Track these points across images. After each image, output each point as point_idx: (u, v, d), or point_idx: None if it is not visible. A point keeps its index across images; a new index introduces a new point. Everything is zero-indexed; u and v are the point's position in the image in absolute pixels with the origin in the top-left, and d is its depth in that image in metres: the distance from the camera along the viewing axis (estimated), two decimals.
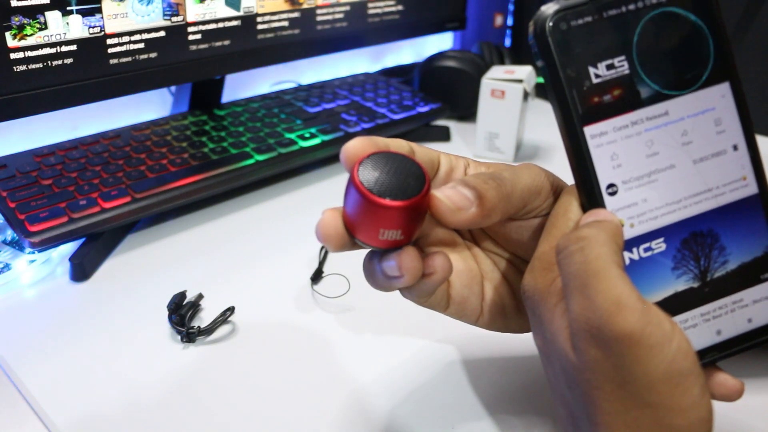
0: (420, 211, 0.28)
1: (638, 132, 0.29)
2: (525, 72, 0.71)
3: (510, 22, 1.02)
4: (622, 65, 0.28)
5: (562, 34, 0.28)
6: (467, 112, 0.82)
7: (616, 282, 0.25)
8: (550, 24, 0.28)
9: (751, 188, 0.30)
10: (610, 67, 0.28)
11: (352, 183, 0.27)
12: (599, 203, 0.29)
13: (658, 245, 0.29)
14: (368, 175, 0.27)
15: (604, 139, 0.29)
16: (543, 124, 0.82)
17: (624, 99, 0.29)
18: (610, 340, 0.25)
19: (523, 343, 0.41)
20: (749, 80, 0.84)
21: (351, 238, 0.29)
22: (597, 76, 0.28)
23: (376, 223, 0.27)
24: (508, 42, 1.03)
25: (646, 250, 0.29)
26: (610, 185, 0.29)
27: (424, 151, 0.33)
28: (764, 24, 0.82)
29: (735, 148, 0.30)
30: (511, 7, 1.02)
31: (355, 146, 0.29)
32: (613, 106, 0.28)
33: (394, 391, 0.40)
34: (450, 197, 0.29)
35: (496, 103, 0.70)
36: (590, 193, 0.29)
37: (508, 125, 0.71)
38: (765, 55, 0.84)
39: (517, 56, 0.92)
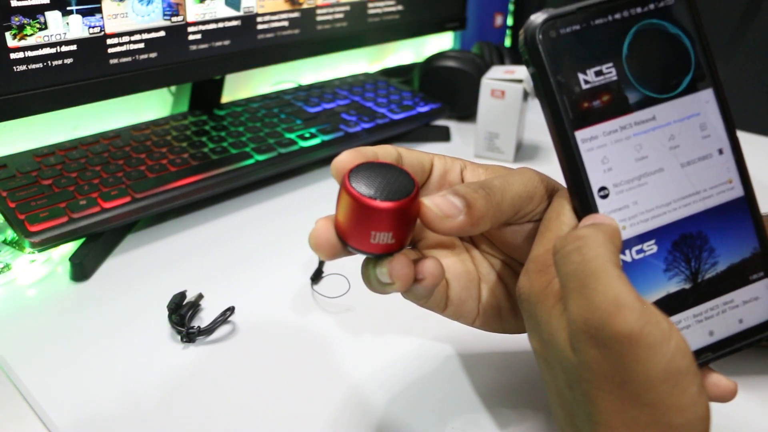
0: (409, 215, 0.29)
1: (627, 136, 0.30)
2: (525, 72, 0.71)
3: (510, 22, 1.03)
4: (610, 72, 0.29)
5: (552, 42, 0.29)
6: (467, 112, 0.82)
7: (615, 282, 0.25)
8: (540, 32, 0.28)
9: (737, 191, 0.31)
10: (598, 73, 0.29)
11: (343, 189, 0.28)
12: (591, 206, 0.29)
13: (650, 247, 0.30)
14: (358, 182, 0.28)
15: (595, 143, 0.29)
16: (543, 124, 0.81)
17: (613, 104, 0.29)
18: (609, 339, 0.25)
19: (518, 340, 0.41)
20: (749, 80, 0.84)
21: (344, 246, 0.30)
22: (586, 82, 0.29)
23: (367, 227, 0.28)
24: (508, 42, 1.03)
25: (638, 252, 0.30)
26: (602, 188, 0.29)
27: (413, 155, 0.33)
28: (764, 24, 0.82)
29: (720, 152, 0.31)
30: (511, 7, 1.02)
31: (344, 159, 0.30)
32: (602, 111, 0.29)
33: (393, 389, 0.40)
34: (438, 205, 0.29)
35: (496, 103, 0.70)
36: (582, 197, 0.29)
37: (508, 125, 0.71)
38: (765, 55, 0.84)
39: (517, 56, 0.92)
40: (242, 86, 0.83)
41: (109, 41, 0.55)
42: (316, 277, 0.50)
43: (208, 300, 0.47)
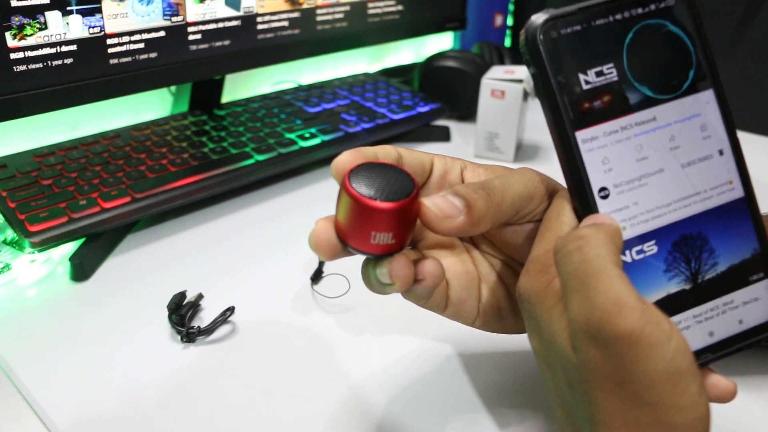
0: (409, 215, 0.29)
1: (628, 137, 0.30)
2: (525, 72, 0.71)
3: (510, 22, 1.03)
4: (610, 72, 0.29)
5: (553, 42, 0.29)
6: (467, 112, 0.82)
7: (615, 281, 0.25)
8: (541, 32, 0.29)
9: (737, 192, 0.31)
10: (599, 74, 0.29)
11: (343, 190, 0.28)
12: (591, 207, 0.29)
13: (650, 248, 0.30)
14: (359, 182, 0.28)
15: (595, 143, 0.29)
16: (543, 124, 0.81)
17: (613, 105, 0.29)
18: (609, 340, 0.25)
19: (518, 340, 0.41)
20: (749, 80, 0.84)
21: (344, 247, 0.30)
22: (587, 82, 0.29)
23: (367, 227, 0.28)
24: (508, 42, 1.03)
25: (638, 252, 0.30)
26: (602, 189, 0.29)
27: (414, 156, 0.33)
28: (764, 24, 0.82)
29: (720, 152, 0.31)
30: (511, 7, 1.02)
31: (344, 159, 0.30)
32: (603, 112, 0.29)
33: (393, 389, 0.40)
34: (438, 205, 0.29)
35: (496, 103, 0.70)
36: (582, 197, 0.29)
37: (508, 125, 0.71)
38: (765, 55, 0.84)
39: (517, 56, 0.92)
40: (242, 86, 0.83)
41: (109, 41, 0.55)
42: (316, 277, 0.50)
43: (208, 300, 0.47)
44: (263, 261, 0.53)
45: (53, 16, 0.51)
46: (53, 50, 0.52)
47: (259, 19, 0.66)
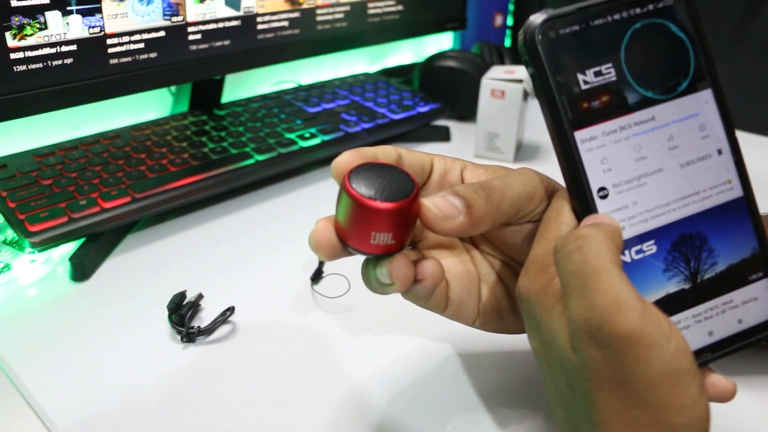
0: (409, 216, 0.29)
1: (627, 137, 0.30)
2: (525, 72, 0.71)
3: (510, 22, 1.03)
4: (609, 72, 0.29)
5: (551, 43, 0.29)
6: (467, 112, 0.82)
7: (615, 281, 0.25)
8: (540, 32, 0.29)
9: (736, 191, 0.31)
10: (597, 74, 0.29)
11: (343, 190, 0.29)
12: (590, 207, 0.29)
13: (649, 247, 0.30)
14: (359, 183, 0.28)
15: (594, 143, 0.29)
16: (543, 124, 0.81)
17: (612, 105, 0.29)
18: (609, 340, 0.25)
19: (518, 340, 0.41)
20: (749, 80, 0.84)
21: (344, 247, 0.30)
22: (585, 82, 0.29)
23: (367, 227, 0.28)
24: (508, 42, 1.03)
25: (637, 252, 0.30)
26: (601, 189, 0.29)
27: (414, 156, 0.33)
28: (764, 24, 0.82)
29: (719, 152, 0.31)
30: (511, 7, 1.02)
31: (344, 160, 0.30)
32: (601, 112, 0.29)
33: (393, 389, 0.40)
34: (438, 205, 0.29)
35: (496, 103, 0.70)
36: (582, 197, 0.29)
37: (508, 125, 0.71)
38: (765, 55, 0.84)
39: (517, 56, 0.92)
40: (242, 86, 0.83)
41: (109, 41, 0.55)
42: (316, 277, 0.50)
43: (208, 300, 0.47)
44: (263, 261, 0.53)
45: (53, 16, 0.51)
46: (53, 50, 0.52)
47: (259, 19, 0.66)
